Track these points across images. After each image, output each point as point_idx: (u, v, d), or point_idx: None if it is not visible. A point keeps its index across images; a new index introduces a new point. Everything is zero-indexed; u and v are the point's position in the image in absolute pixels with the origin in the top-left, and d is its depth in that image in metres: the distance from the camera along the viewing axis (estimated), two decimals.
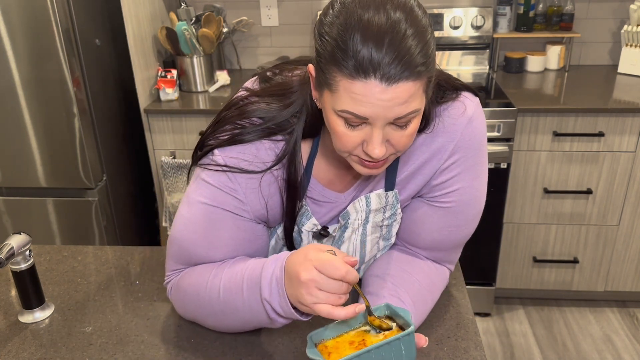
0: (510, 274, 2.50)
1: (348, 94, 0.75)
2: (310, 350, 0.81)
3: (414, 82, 0.75)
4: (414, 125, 0.81)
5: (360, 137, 0.80)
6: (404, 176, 0.98)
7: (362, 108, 0.76)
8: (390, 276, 1.00)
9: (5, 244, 1.02)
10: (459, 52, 2.65)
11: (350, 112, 0.77)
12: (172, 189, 2.37)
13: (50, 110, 2.07)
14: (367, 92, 0.74)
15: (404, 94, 0.75)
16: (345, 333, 0.86)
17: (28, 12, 1.93)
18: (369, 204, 0.99)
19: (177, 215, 0.98)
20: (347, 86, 0.75)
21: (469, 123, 0.94)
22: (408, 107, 0.76)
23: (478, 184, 0.99)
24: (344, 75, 0.75)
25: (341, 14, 0.76)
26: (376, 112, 0.76)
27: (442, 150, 0.95)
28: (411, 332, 0.80)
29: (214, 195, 0.93)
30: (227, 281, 0.91)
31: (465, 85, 0.98)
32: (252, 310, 0.89)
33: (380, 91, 0.74)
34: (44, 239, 2.30)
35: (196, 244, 0.95)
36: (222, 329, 1.00)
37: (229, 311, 0.93)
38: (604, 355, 2.28)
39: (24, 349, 1.01)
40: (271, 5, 2.71)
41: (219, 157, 0.92)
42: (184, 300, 0.99)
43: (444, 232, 1.01)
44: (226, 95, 2.43)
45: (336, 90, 0.77)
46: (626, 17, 2.60)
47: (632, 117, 2.15)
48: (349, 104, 0.76)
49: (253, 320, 0.92)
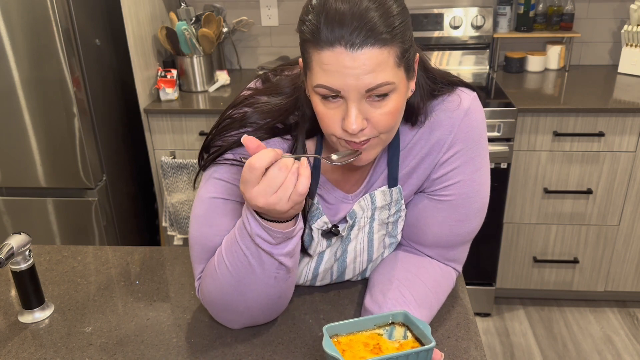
0: (511, 274, 2.50)
1: (319, 66, 0.79)
2: (327, 344, 0.80)
3: (379, 50, 0.77)
4: (392, 103, 0.82)
5: (339, 115, 0.82)
6: (406, 171, 0.99)
7: (332, 79, 0.78)
8: (395, 278, 1.01)
9: (5, 244, 1.02)
10: (459, 52, 2.65)
11: (323, 85, 0.80)
12: (172, 189, 2.37)
13: (50, 110, 2.07)
14: (334, 60, 0.77)
15: (370, 61, 0.77)
16: (359, 333, 0.86)
17: (28, 12, 1.93)
18: (374, 201, 1.00)
19: (191, 218, 0.98)
20: (317, 58, 0.79)
21: (466, 115, 0.96)
22: (377, 77, 0.78)
23: (479, 177, 0.99)
24: (315, 48, 0.79)
25: (313, 1, 0.80)
26: (346, 82, 0.78)
27: (440, 143, 0.96)
28: (431, 349, 0.80)
29: (226, 189, 0.94)
30: (227, 248, 0.91)
31: (461, 81, 0.99)
32: (255, 259, 0.88)
33: (346, 58, 0.77)
34: (44, 239, 2.30)
35: (214, 237, 0.95)
36: (256, 311, 0.97)
37: (244, 277, 0.90)
38: (604, 355, 2.27)
39: (24, 349, 1.01)
40: (271, 5, 2.71)
41: (230, 154, 0.94)
42: (210, 295, 0.97)
43: (446, 226, 1.01)
44: (226, 95, 2.43)
45: (311, 67, 0.81)
46: (626, 17, 2.60)
47: (632, 117, 2.15)
48: (321, 77, 0.79)
49: (267, 273, 0.89)
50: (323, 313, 1.06)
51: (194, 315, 1.08)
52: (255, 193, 0.79)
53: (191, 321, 1.06)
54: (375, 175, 1.00)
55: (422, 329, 0.83)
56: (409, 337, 0.85)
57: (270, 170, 0.78)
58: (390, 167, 0.98)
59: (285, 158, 0.79)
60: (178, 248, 1.31)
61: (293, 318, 1.05)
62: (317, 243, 1.01)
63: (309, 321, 1.04)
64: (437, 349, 0.86)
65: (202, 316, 1.07)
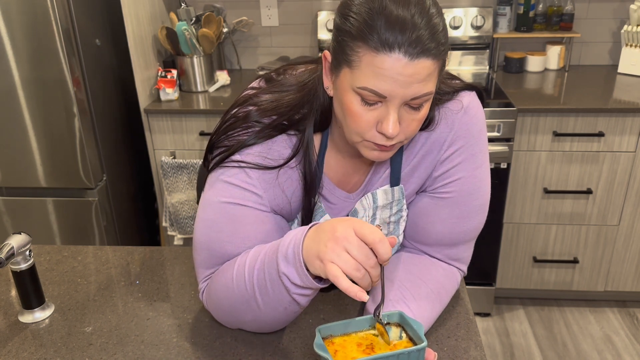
0: (510, 274, 2.50)
1: (371, 68, 0.78)
2: (318, 344, 0.80)
3: (433, 61, 0.79)
4: (424, 110, 0.84)
5: (375, 117, 0.82)
6: (407, 170, 1.00)
7: (383, 84, 0.78)
8: (397, 279, 1.00)
9: (5, 244, 1.02)
10: (459, 52, 2.65)
11: (370, 89, 0.79)
12: (172, 189, 2.37)
13: (50, 110, 2.07)
14: (390, 65, 0.77)
15: (423, 71, 0.78)
16: (354, 333, 0.86)
17: (28, 12, 1.93)
18: (375, 200, 1.00)
19: (197, 222, 0.97)
20: (370, 60, 0.78)
21: (465, 112, 0.97)
22: (425, 86, 0.80)
23: (480, 174, 0.99)
24: (369, 48, 0.77)
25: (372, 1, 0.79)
26: (395, 88, 0.78)
27: (441, 141, 0.97)
28: (422, 349, 0.79)
29: (233, 193, 0.93)
30: (251, 263, 0.89)
31: (464, 84, 1.00)
32: (272, 288, 0.87)
33: (402, 65, 0.77)
34: (44, 239, 2.30)
35: (224, 242, 0.94)
36: (262, 324, 0.96)
37: (261, 298, 0.89)
38: (604, 355, 2.27)
39: (24, 349, 1.01)
40: (271, 5, 2.71)
41: (237, 156, 0.93)
42: (219, 302, 0.96)
43: (447, 224, 1.01)
44: (226, 96, 2.43)
45: (357, 66, 0.79)
46: (626, 17, 2.60)
47: (632, 117, 2.15)
48: (370, 80, 0.79)
49: (279, 303, 0.88)
50: (323, 313, 1.06)
51: (194, 315, 1.08)
52: (344, 258, 0.76)
53: (191, 321, 1.06)
54: (377, 175, 1.01)
55: (416, 329, 0.82)
56: (403, 337, 0.85)
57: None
58: (393, 166, 0.99)
59: None
60: (178, 248, 1.31)
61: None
62: None
63: (309, 321, 1.04)
64: (430, 350, 0.86)
65: (202, 316, 1.07)
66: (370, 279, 0.78)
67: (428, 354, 0.85)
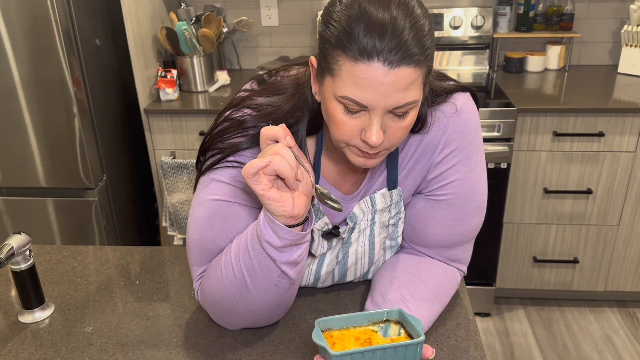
0: (510, 274, 2.50)
1: (350, 77, 0.77)
2: (316, 335, 0.81)
3: (414, 69, 0.76)
4: (410, 118, 0.83)
5: (359, 125, 0.82)
6: (403, 173, 0.99)
7: (364, 93, 0.77)
8: (396, 279, 1.00)
9: (5, 244, 1.02)
10: (459, 52, 2.65)
11: (351, 98, 0.78)
12: (172, 189, 2.37)
13: (50, 110, 2.07)
14: (369, 75, 0.76)
15: (404, 80, 0.76)
16: (353, 328, 0.86)
17: (28, 12, 1.93)
18: (374, 204, 1.00)
19: (189, 220, 0.97)
20: (350, 69, 0.77)
21: (458, 115, 0.96)
22: (407, 95, 0.78)
23: (475, 175, 0.99)
24: (347, 58, 0.76)
25: (350, 5, 0.78)
26: (376, 98, 0.77)
27: (434, 143, 0.97)
28: (419, 342, 0.80)
29: (224, 191, 0.93)
30: (235, 249, 0.91)
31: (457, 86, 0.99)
32: (259, 264, 0.88)
33: (382, 74, 0.75)
34: (44, 239, 2.30)
35: (216, 239, 0.94)
36: (257, 314, 0.96)
37: (250, 280, 0.90)
38: (604, 355, 2.27)
39: (24, 349, 1.01)
40: (271, 5, 2.71)
41: (230, 157, 0.93)
42: (212, 297, 0.96)
43: (444, 226, 1.01)
44: (226, 96, 2.43)
45: (338, 75, 0.78)
46: (626, 17, 2.60)
47: (632, 117, 2.15)
48: (351, 89, 0.78)
49: (268, 280, 0.89)
50: (324, 313, 1.06)
51: (194, 315, 1.08)
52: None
53: (191, 321, 1.06)
54: (374, 178, 1.00)
55: (414, 325, 0.83)
56: (402, 334, 0.85)
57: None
58: (389, 169, 0.98)
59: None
60: (178, 248, 1.31)
61: (293, 318, 1.05)
62: (318, 244, 1.01)
63: (309, 321, 1.04)
64: (429, 346, 0.86)
65: (202, 316, 1.07)
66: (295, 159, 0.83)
67: (426, 349, 0.85)
